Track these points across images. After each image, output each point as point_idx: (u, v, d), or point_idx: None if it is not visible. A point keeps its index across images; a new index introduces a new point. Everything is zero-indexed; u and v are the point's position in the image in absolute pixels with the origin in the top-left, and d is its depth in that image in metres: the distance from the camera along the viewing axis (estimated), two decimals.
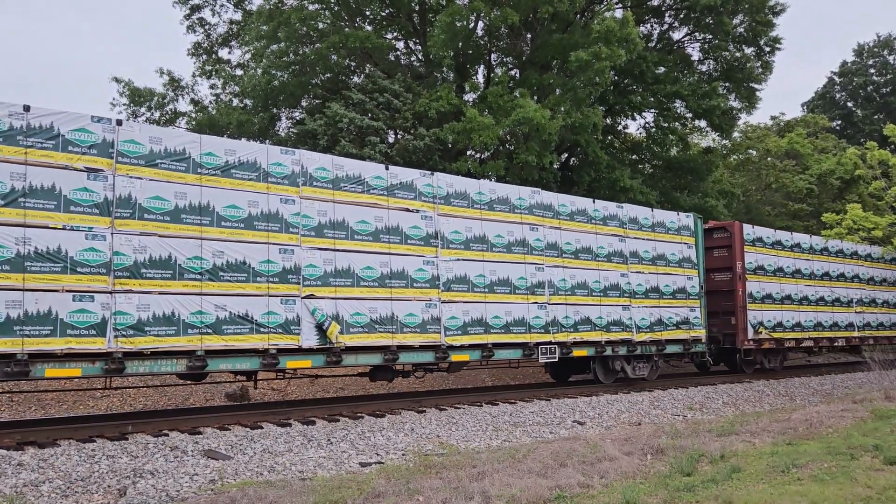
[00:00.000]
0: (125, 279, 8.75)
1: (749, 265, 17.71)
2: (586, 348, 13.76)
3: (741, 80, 26.46)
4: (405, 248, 11.40)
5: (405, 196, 11.58)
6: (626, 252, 14.81)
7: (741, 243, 17.73)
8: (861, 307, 21.11)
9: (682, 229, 16.23)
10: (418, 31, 24.17)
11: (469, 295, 12.02)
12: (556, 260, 13.48)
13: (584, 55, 19.29)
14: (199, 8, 26.70)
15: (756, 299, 17.71)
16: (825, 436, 8.88)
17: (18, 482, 6.62)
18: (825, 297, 19.87)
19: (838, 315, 20.26)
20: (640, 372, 15.07)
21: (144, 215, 9.02)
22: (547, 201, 13.63)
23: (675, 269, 15.81)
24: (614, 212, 14.87)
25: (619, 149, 27.76)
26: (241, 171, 9.90)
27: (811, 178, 33.56)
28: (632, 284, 14.72)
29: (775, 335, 18.06)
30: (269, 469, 7.47)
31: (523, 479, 6.44)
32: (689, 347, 15.76)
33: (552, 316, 13.11)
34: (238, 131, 21.81)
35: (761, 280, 18.08)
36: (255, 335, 9.58)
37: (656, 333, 15.01)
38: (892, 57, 50.51)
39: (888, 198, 19.23)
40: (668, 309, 15.40)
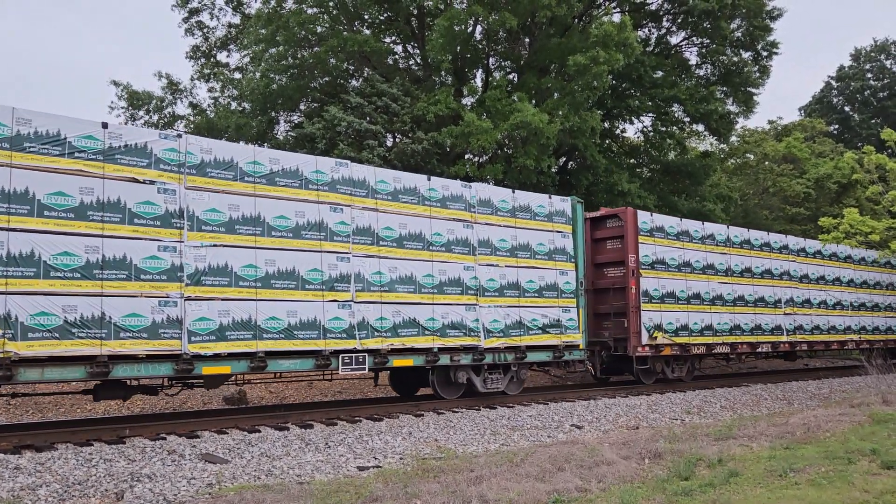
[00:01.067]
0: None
1: (645, 259, 15.43)
2: (411, 357, 11.45)
3: (739, 85, 26.55)
4: (130, 230, 9.00)
5: (132, 163, 9.14)
6: (474, 240, 12.46)
7: (634, 233, 15.38)
8: (792, 308, 18.93)
9: (554, 215, 13.81)
10: (417, 34, 24.22)
11: (232, 290, 9.61)
12: (370, 248, 11.10)
13: (582, 59, 19.35)
14: (197, 11, 26.75)
15: (653, 298, 15.39)
16: (823, 440, 8.89)
17: (16, 486, 6.61)
18: (745, 296, 17.64)
19: (762, 317, 17.98)
20: (495, 385, 12.89)
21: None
22: (359, 176, 11.24)
23: (543, 261, 13.41)
24: (458, 192, 12.46)
25: (617, 153, 27.82)
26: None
27: (808, 182, 33.63)
28: (480, 279, 12.37)
29: (678, 340, 15.79)
30: (266, 473, 7.47)
31: (521, 483, 6.44)
32: (561, 355, 13.48)
33: (360, 317, 10.76)
34: (236, 135, 21.83)
35: (661, 276, 15.71)
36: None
37: (514, 338, 12.71)
38: (889, 62, 50.67)
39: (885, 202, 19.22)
40: (533, 309, 13.10)
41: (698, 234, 17.01)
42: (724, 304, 17.08)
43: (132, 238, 9.03)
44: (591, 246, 15.88)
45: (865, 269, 22.13)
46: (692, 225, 17.00)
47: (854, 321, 21.14)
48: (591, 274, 15.88)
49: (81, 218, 8.70)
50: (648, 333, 15.11)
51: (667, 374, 16.26)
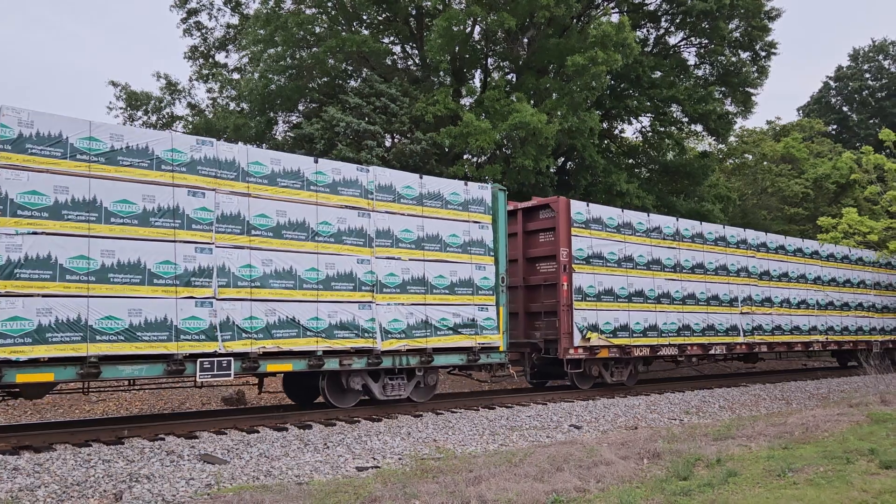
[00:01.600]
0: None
1: (579, 253, 14.12)
2: (290, 361, 10.20)
3: (737, 85, 26.59)
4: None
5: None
6: (371, 230, 11.11)
7: (567, 224, 14.11)
8: (750, 307, 17.66)
9: (471, 204, 12.45)
10: (415, 35, 24.23)
11: (55, 285, 8.32)
12: (239, 238, 9.84)
13: (581, 59, 19.36)
14: (196, 12, 26.75)
15: (588, 296, 14.13)
16: (821, 440, 8.90)
17: (14, 487, 6.60)
18: (696, 294, 16.32)
19: (716, 317, 16.68)
20: (396, 391, 11.61)
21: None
22: (227, 156, 9.90)
23: (456, 255, 12.07)
24: (352, 176, 11.10)
25: (616, 153, 27.85)
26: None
27: (807, 183, 33.66)
28: (378, 274, 11.05)
29: (617, 341, 14.49)
30: (265, 473, 7.46)
31: (520, 484, 6.44)
32: (476, 358, 12.17)
33: (224, 316, 9.50)
34: (234, 135, 21.83)
35: (598, 272, 14.43)
36: None
37: (418, 340, 11.38)
38: (887, 62, 50.71)
39: (883, 202, 19.24)
40: (442, 307, 11.76)
41: (643, 226, 15.61)
42: (672, 303, 15.75)
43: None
44: (523, 239, 14.95)
45: (835, 266, 21.05)
46: (635, 216, 15.67)
47: (821, 321, 19.88)
48: (524, 269, 14.85)
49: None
50: (581, 334, 13.85)
51: (605, 378, 14.89)
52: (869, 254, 22.08)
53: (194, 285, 9.37)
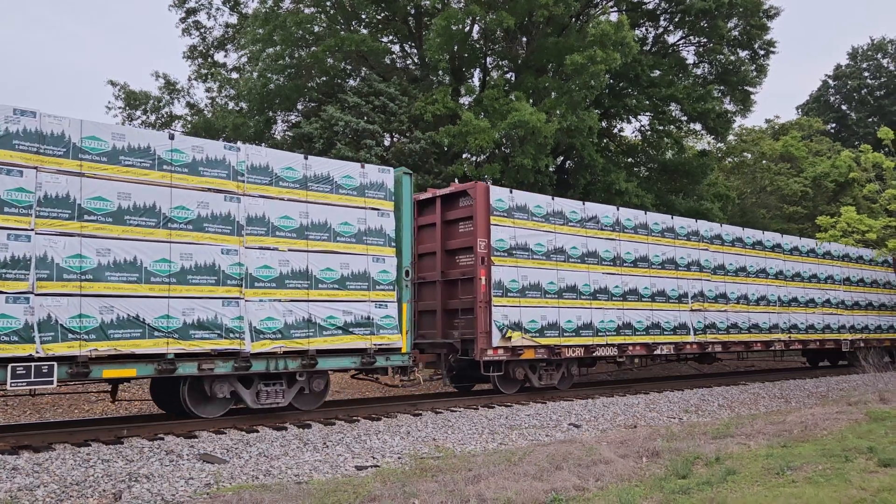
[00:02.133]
0: None
1: (500, 244, 12.86)
2: (133, 366, 8.94)
3: (736, 84, 26.62)
4: None
5: None
6: (241, 217, 9.82)
7: (486, 213, 12.86)
8: (701, 304, 16.44)
9: (368, 189, 11.14)
10: (414, 34, 24.24)
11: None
12: (67, 224, 8.57)
13: (580, 58, 19.37)
14: (194, 11, 26.74)
15: (510, 291, 12.86)
16: (820, 438, 8.91)
17: (13, 486, 6.60)
18: (640, 290, 15.13)
19: (662, 314, 15.44)
20: (274, 399, 10.23)
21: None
22: (53, 130, 8.60)
23: (348, 245, 10.77)
24: (218, 155, 9.81)
25: (615, 152, 27.86)
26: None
27: (806, 181, 33.69)
28: (248, 266, 9.76)
29: (544, 341, 13.26)
30: (264, 473, 7.47)
31: (519, 482, 6.44)
32: (373, 361, 10.88)
33: (45, 314, 8.29)
34: (234, 134, 21.83)
35: (523, 265, 13.15)
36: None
37: (299, 341, 10.09)
38: (886, 60, 50.75)
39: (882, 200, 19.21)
40: (330, 304, 10.47)
41: (577, 215, 14.32)
42: (611, 299, 14.49)
43: None
44: (442, 229, 13.79)
45: (800, 260, 19.92)
46: (568, 205, 14.34)
47: (783, 318, 18.70)
48: (443, 262, 13.71)
49: None
50: (501, 333, 12.60)
51: (532, 381, 13.61)
52: (838, 247, 21.09)
53: (5, 278, 8.08)
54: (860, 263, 22.17)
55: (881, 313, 22.43)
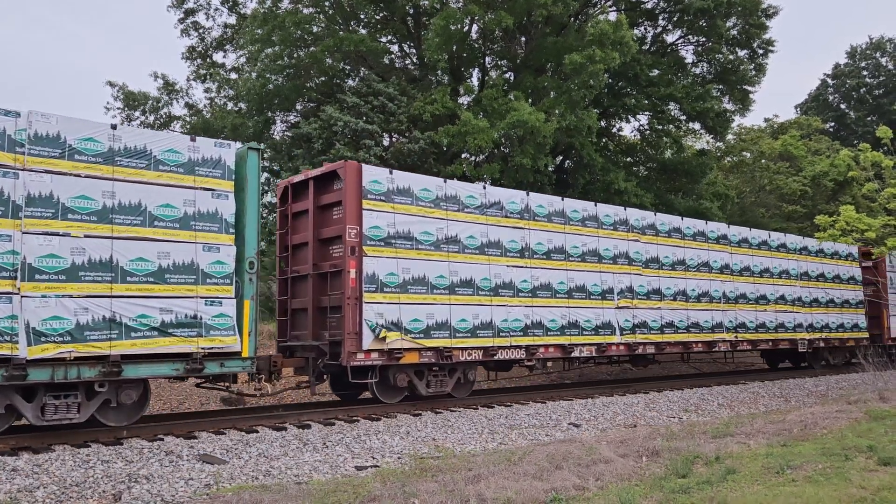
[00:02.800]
0: None
1: (375, 232, 11.22)
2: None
3: (735, 83, 26.64)
4: None
5: None
6: (17, 196, 8.33)
7: (357, 196, 11.25)
8: (630, 300, 14.80)
9: (199, 166, 9.62)
10: (413, 34, 24.25)
11: None
12: None
13: (579, 58, 19.38)
14: (193, 12, 26.74)
15: (387, 286, 11.22)
16: (820, 437, 8.91)
17: (13, 488, 6.60)
18: (554, 285, 13.48)
19: (582, 312, 13.93)
20: (63, 414, 8.68)
21: None
22: None
23: (170, 231, 9.28)
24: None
25: (614, 151, 27.89)
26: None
27: (805, 180, 33.72)
28: (25, 256, 8.26)
29: (430, 342, 11.63)
30: (264, 473, 7.46)
31: (519, 482, 6.44)
32: (201, 367, 9.36)
33: None
34: (232, 135, 21.83)
35: (405, 256, 11.52)
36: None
37: (97, 345, 8.59)
38: (884, 59, 50.79)
39: (881, 199, 19.19)
40: (143, 301, 8.95)
41: (475, 201, 12.64)
42: (517, 295, 12.92)
43: None
44: (315, 215, 12.14)
45: (749, 253, 18.29)
46: (465, 189, 12.66)
47: (729, 316, 17.06)
48: (315, 254, 12.06)
49: None
50: (374, 334, 10.96)
51: (418, 388, 11.91)
52: (796, 240, 19.94)
53: None
54: (821, 257, 20.55)
55: (844, 311, 20.87)
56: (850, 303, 21.13)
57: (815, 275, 20.15)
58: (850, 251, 21.54)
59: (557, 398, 13.64)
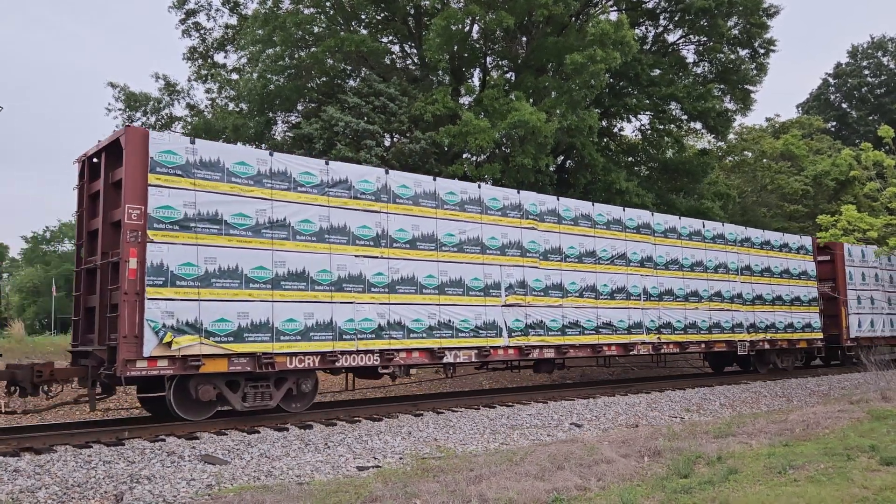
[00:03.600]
0: None
1: (166, 213, 9.36)
2: None
3: (736, 82, 26.62)
4: None
5: None
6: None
7: (142, 170, 9.37)
8: (521, 297, 12.96)
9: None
10: (414, 34, 24.24)
11: None
12: None
13: (580, 58, 19.36)
14: (194, 12, 26.75)
15: (182, 279, 9.36)
16: (822, 437, 8.90)
17: (15, 488, 6.60)
18: (419, 278, 11.71)
19: (457, 310, 12.05)
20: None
21: None
22: None
23: None
24: None
25: (615, 151, 27.87)
26: None
27: (806, 180, 33.71)
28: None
29: (244, 347, 9.80)
30: (266, 474, 7.46)
31: (520, 482, 6.44)
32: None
33: None
34: (234, 135, 21.84)
35: (207, 242, 9.67)
36: None
37: None
38: (886, 59, 50.75)
39: (883, 198, 19.19)
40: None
41: (312, 178, 10.76)
42: (369, 291, 11.09)
43: None
44: (106, 195, 10.13)
45: (678, 245, 16.29)
46: (299, 164, 10.79)
47: (650, 315, 15.21)
48: (106, 240, 9.98)
49: None
50: (158, 337, 9.10)
51: (232, 402, 10.05)
52: (736, 230, 18.05)
53: None
54: (767, 250, 18.73)
55: (794, 309, 18.99)
56: (802, 300, 19.34)
57: (760, 269, 18.32)
58: (802, 244, 19.95)
59: (559, 398, 13.64)
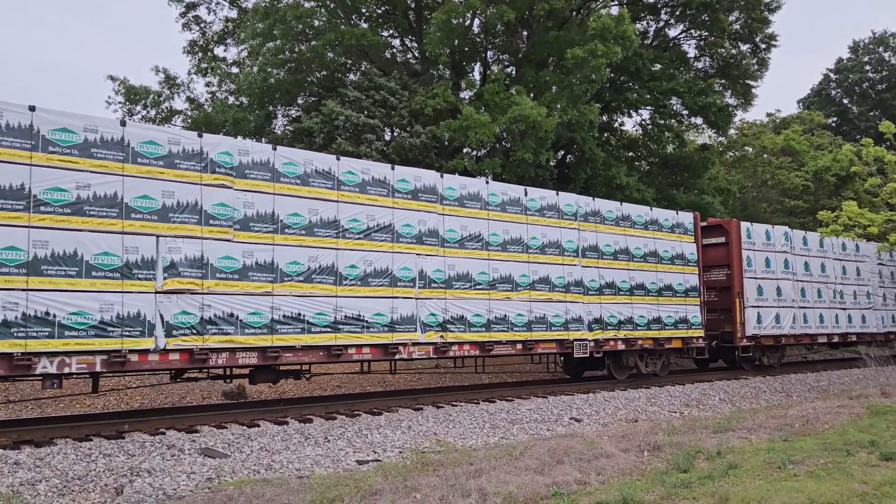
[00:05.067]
0: None
1: None
2: None
3: (737, 77, 26.57)
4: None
5: None
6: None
7: None
8: (185, 281, 9.23)
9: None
10: (414, 28, 24.19)
11: None
12: None
13: (581, 52, 19.31)
14: (194, 6, 26.69)
15: None
16: (821, 432, 8.91)
17: (15, 481, 6.61)
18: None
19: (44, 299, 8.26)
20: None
21: None
22: None
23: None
24: None
25: (616, 146, 27.83)
26: None
27: (807, 175, 33.67)
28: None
29: None
30: (266, 467, 7.47)
31: (520, 477, 6.44)
32: None
33: None
34: (234, 129, 21.80)
35: None
36: None
37: None
38: (887, 54, 50.63)
39: (884, 194, 19.14)
40: None
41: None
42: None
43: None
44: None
45: (479, 216, 12.43)
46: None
47: (429, 308, 11.53)
48: None
49: None
50: None
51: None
52: (580, 200, 14.15)
53: None
54: (624, 227, 14.87)
55: (664, 300, 15.20)
56: (676, 290, 15.48)
57: (613, 251, 14.45)
58: (678, 221, 16.06)
59: (559, 392, 13.64)
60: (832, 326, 19.58)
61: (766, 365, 18.23)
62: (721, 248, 17.47)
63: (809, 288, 19.13)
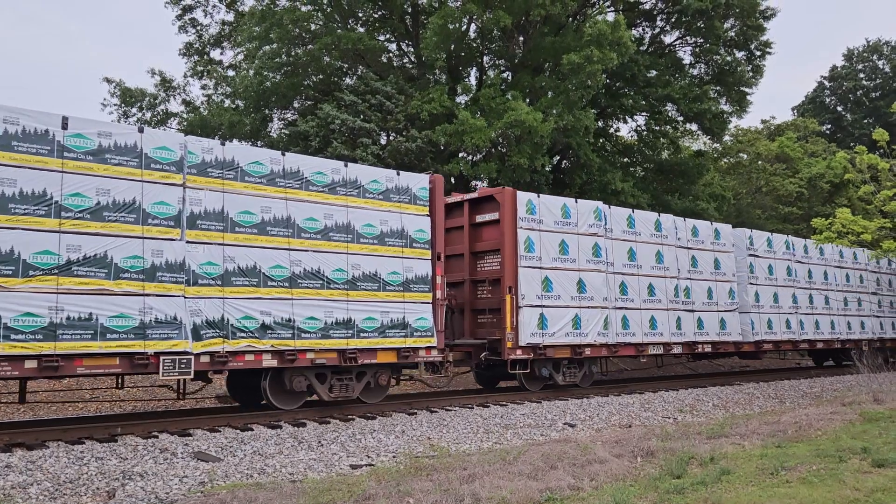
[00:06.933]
0: None
1: None
2: None
3: (732, 84, 26.69)
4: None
5: None
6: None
7: None
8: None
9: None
10: (411, 32, 24.23)
11: None
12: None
13: (577, 58, 19.38)
14: (191, 8, 26.69)
15: None
16: (814, 438, 8.92)
17: (6, 484, 6.57)
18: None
19: None
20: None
21: None
22: None
23: None
24: None
25: (611, 151, 27.91)
26: None
27: (801, 182, 33.80)
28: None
29: None
30: (259, 471, 7.45)
31: (514, 482, 6.44)
32: None
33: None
34: (230, 132, 21.79)
35: None
36: None
37: None
38: (881, 62, 50.91)
39: (877, 202, 19.23)
40: None
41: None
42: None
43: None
44: None
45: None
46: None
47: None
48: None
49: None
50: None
51: None
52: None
53: None
54: (281, 188, 10.32)
55: (366, 296, 11.06)
56: (390, 283, 11.27)
57: (251, 223, 9.99)
58: (401, 184, 11.66)
59: (553, 398, 13.64)
60: (670, 333, 15.38)
61: (564, 385, 13.91)
62: (494, 228, 13.51)
63: (634, 281, 14.79)
